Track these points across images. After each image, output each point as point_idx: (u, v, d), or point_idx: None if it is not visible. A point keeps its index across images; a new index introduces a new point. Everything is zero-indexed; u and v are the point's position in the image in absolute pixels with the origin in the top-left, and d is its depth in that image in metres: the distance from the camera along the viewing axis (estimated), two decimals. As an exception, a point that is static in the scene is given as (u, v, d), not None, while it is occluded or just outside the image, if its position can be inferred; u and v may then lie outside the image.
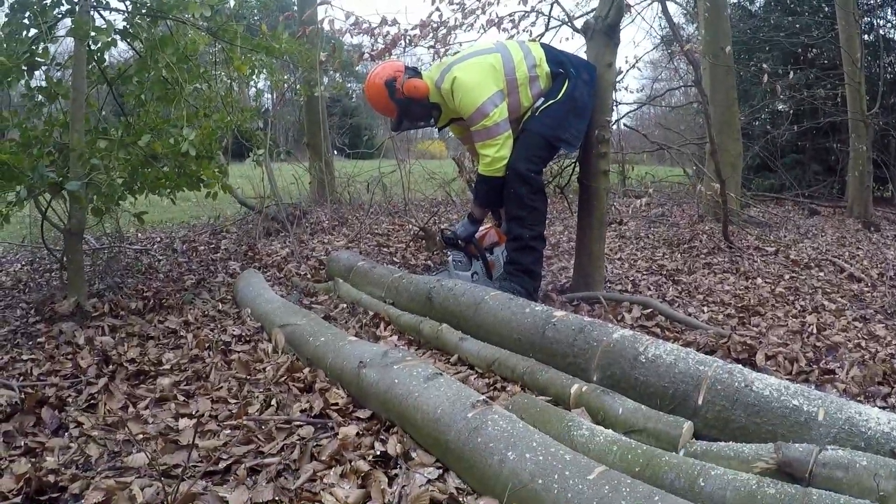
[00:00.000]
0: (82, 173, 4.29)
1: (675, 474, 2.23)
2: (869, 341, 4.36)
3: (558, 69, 4.85)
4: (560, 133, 4.75)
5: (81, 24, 4.21)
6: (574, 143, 4.88)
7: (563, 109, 4.75)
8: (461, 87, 4.69)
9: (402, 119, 5.03)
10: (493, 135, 4.70)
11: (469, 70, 4.74)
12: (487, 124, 4.67)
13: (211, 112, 5.34)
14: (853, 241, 9.09)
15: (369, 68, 5.76)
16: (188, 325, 4.56)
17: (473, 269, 5.25)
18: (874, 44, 14.67)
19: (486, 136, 4.72)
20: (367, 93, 5.01)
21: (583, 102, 4.82)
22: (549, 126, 4.75)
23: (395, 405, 2.82)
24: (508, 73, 4.79)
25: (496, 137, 4.70)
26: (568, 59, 4.95)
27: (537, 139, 4.78)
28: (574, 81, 4.79)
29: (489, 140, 4.72)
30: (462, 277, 5.06)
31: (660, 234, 8.60)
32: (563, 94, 4.77)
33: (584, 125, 4.90)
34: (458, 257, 5.29)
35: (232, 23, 5.13)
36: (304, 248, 7.24)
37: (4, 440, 2.81)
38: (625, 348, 3.13)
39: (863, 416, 2.39)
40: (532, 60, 4.86)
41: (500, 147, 4.72)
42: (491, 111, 4.66)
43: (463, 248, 5.25)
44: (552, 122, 4.75)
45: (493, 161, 4.74)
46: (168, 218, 10.97)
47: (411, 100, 4.86)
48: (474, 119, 4.71)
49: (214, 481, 2.49)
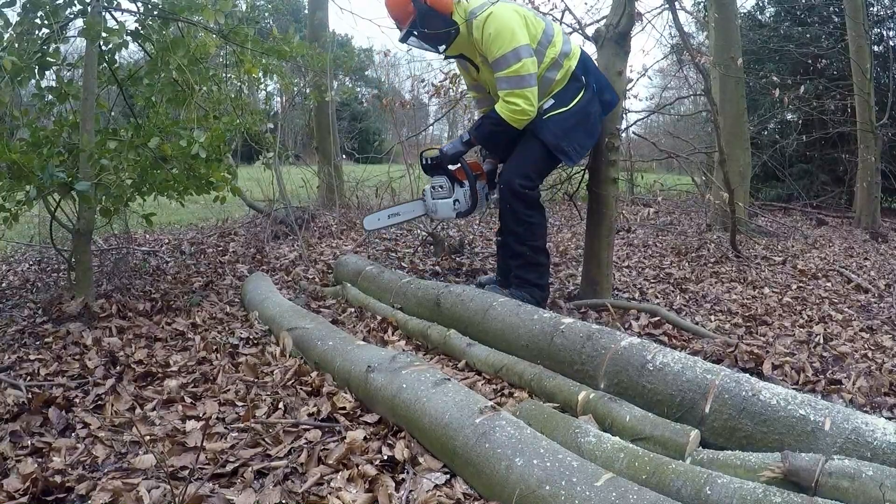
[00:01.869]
0: (92, 174, 4.30)
1: (682, 482, 2.22)
2: (876, 352, 4.35)
3: (581, 74, 4.65)
4: (564, 144, 4.58)
5: (93, 25, 4.22)
6: (574, 158, 4.70)
7: (573, 120, 4.59)
8: (498, 21, 4.38)
9: (415, 29, 4.61)
10: (526, 85, 4.42)
11: (510, 11, 4.44)
12: (521, 72, 4.39)
13: (221, 114, 5.35)
14: (861, 252, 9.06)
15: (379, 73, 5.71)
16: (196, 328, 4.56)
17: (455, 195, 4.95)
18: (884, 54, 14.66)
19: (518, 84, 4.43)
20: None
21: (594, 120, 4.69)
22: (554, 134, 4.57)
23: (403, 410, 2.82)
24: (542, 43, 4.54)
25: (528, 88, 4.43)
26: (596, 73, 4.77)
27: (538, 148, 4.62)
28: (591, 96, 4.63)
29: (519, 89, 4.43)
30: (441, 207, 4.92)
31: (668, 243, 8.59)
32: (575, 103, 4.59)
33: (589, 143, 4.77)
34: (438, 182, 4.98)
35: (243, 26, 5.14)
36: (313, 252, 7.25)
37: (11, 440, 2.81)
38: (632, 356, 3.13)
39: (869, 426, 2.39)
40: (567, 49, 4.66)
41: (530, 100, 4.46)
42: (515, 62, 4.38)
43: (447, 170, 4.92)
44: (558, 131, 4.57)
45: (523, 112, 4.48)
46: (176, 220, 10.98)
47: (432, 10, 4.50)
48: (507, 60, 4.39)
49: (221, 484, 2.49)
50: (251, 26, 5.28)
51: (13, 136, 4.51)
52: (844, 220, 12.56)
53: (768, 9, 17.21)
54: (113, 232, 7.12)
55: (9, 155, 3.88)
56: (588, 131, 4.69)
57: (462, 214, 5.02)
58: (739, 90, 9.98)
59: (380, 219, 5.08)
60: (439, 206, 4.93)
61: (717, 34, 9.84)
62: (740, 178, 9.53)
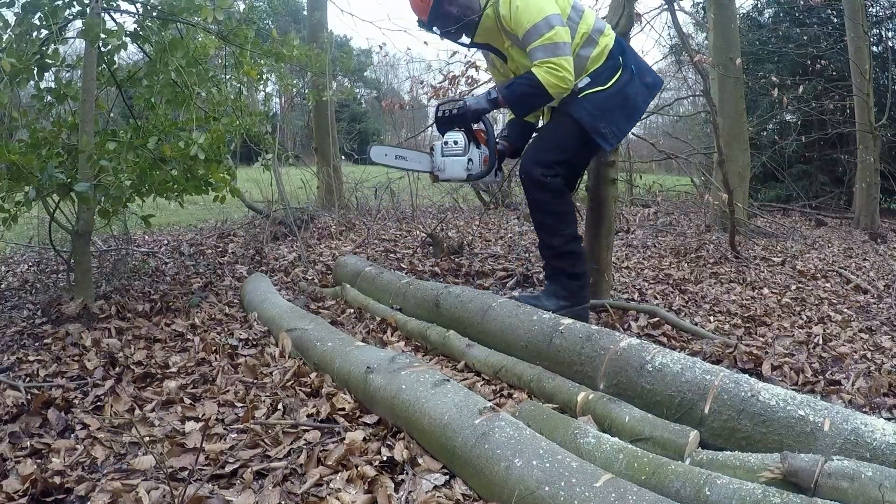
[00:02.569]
0: (91, 174, 4.30)
1: (682, 483, 2.22)
2: (875, 352, 4.35)
3: (618, 54, 4.33)
4: (601, 125, 4.21)
5: (92, 26, 4.22)
6: (612, 142, 4.32)
7: (611, 100, 4.25)
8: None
9: (436, 15, 4.34)
10: (562, 53, 4.05)
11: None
12: (556, 39, 4.04)
13: (220, 115, 5.35)
14: (860, 253, 9.07)
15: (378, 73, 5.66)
16: (195, 329, 4.56)
17: (469, 155, 4.48)
18: (882, 55, 14.69)
19: (554, 51, 4.06)
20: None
21: (635, 104, 4.37)
22: (590, 113, 4.20)
23: (402, 411, 2.82)
24: (573, 17, 4.22)
25: (564, 57, 4.06)
26: (635, 56, 4.47)
27: (570, 128, 4.26)
28: (630, 77, 4.31)
29: (556, 57, 4.05)
30: (451, 166, 4.53)
31: (667, 244, 8.60)
32: (613, 84, 4.27)
33: (628, 128, 4.49)
34: (453, 137, 4.49)
35: (242, 27, 5.14)
36: (312, 253, 7.25)
37: (10, 441, 2.81)
38: (632, 357, 3.13)
39: (868, 426, 2.39)
40: (601, 26, 4.33)
41: (568, 69, 4.08)
42: (546, 31, 4.03)
43: (466, 126, 4.46)
44: (594, 111, 4.21)
45: (562, 78, 4.09)
46: (175, 221, 10.99)
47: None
48: (539, 29, 4.05)
49: (221, 485, 2.49)
50: (250, 27, 5.27)
51: (12, 137, 4.52)
52: (843, 220, 12.59)
53: (767, 10, 17.24)
54: (112, 233, 7.12)
55: (8, 156, 3.88)
56: (627, 114, 4.37)
57: (473, 178, 4.59)
58: (738, 91, 10.00)
59: (387, 154, 4.65)
60: (448, 163, 4.52)
61: (716, 35, 9.86)
62: (739, 179, 9.55)
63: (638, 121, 4.61)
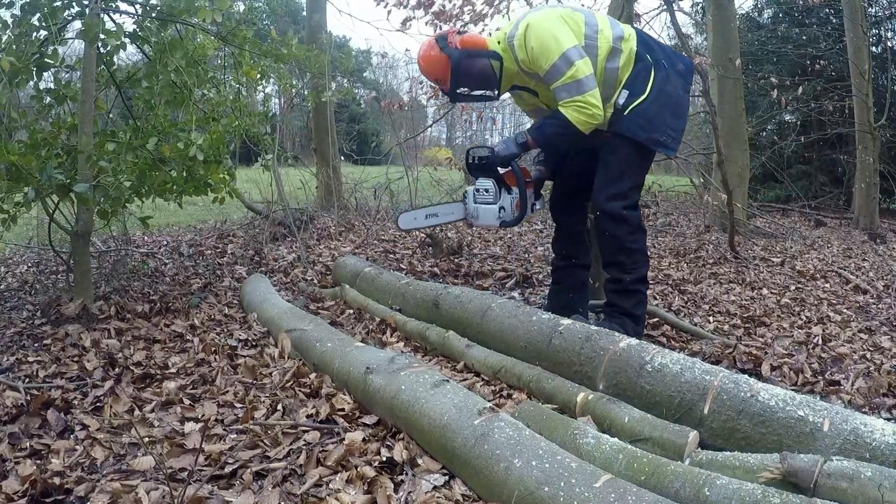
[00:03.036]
0: (90, 175, 4.30)
1: (681, 483, 2.23)
2: (874, 353, 4.35)
3: (645, 53, 4.16)
4: (656, 134, 4.06)
5: (91, 27, 4.22)
6: (673, 146, 4.18)
7: (655, 106, 4.08)
8: (537, 33, 3.99)
9: (456, 76, 4.22)
10: (586, 88, 3.95)
11: (546, 17, 4.05)
12: (577, 76, 3.93)
13: (220, 116, 5.35)
14: (859, 253, 9.07)
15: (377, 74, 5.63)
16: (194, 329, 4.57)
17: (501, 203, 4.38)
18: (882, 55, 14.70)
19: (578, 89, 3.95)
20: (420, 61, 4.34)
21: (677, 97, 4.20)
22: (642, 128, 4.06)
23: (402, 411, 2.82)
24: (589, 35, 4.08)
25: (589, 92, 3.95)
26: (660, 48, 4.30)
27: (628, 154, 4.12)
28: (665, 73, 4.15)
29: (580, 95, 3.95)
30: (484, 213, 4.43)
31: (666, 244, 8.59)
32: (651, 88, 4.09)
33: (681, 125, 4.28)
34: (484, 185, 4.39)
35: (242, 27, 5.14)
36: (311, 254, 7.24)
37: (10, 442, 2.81)
38: (631, 357, 3.13)
39: (868, 427, 2.39)
40: (619, 32, 4.16)
41: (596, 104, 3.97)
42: (567, 69, 3.92)
43: (496, 173, 4.38)
44: (645, 124, 4.06)
45: (592, 115, 3.99)
46: (174, 221, 10.98)
47: (466, 51, 4.17)
48: (559, 69, 3.96)
49: (220, 485, 2.50)
50: (249, 28, 5.27)
51: (12, 138, 4.52)
52: (843, 220, 12.59)
53: (766, 10, 17.24)
54: (111, 234, 7.11)
55: (7, 157, 3.88)
56: (674, 112, 4.18)
57: (506, 224, 4.46)
58: (738, 91, 10.00)
59: (416, 218, 4.65)
60: (482, 211, 4.43)
61: (715, 35, 9.87)
62: (739, 180, 9.55)
63: (687, 112, 4.41)
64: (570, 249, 4.59)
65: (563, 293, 4.60)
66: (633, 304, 4.16)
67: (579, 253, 4.59)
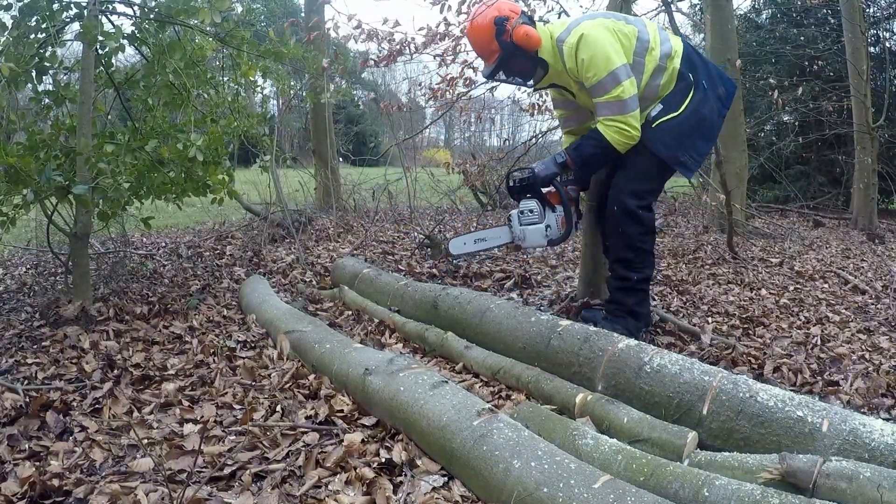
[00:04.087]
0: (89, 177, 4.30)
1: (680, 484, 2.23)
2: (873, 353, 4.35)
3: (688, 73, 4.19)
4: (679, 154, 4.12)
5: (90, 29, 4.22)
6: (693, 168, 4.23)
7: (686, 125, 4.12)
8: (590, 45, 3.98)
9: (500, 67, 4.28)
10: (628, 109, 4.01)
11: (601, 29, 4.06)
12: (623, 97, 3.98)
13: (218, 118, 5.35)
14: (858, 253, 9.07)
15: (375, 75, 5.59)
16: (193, 331, 4.57)
17: (547, 221, 4.41)
18: (880, 56, 14.69)
19: (621, 109, 4.01)
20: (470, 28, 4.33)
21: (711, 122, 4.22)
22: (666, 144, 4.11)
23: (401, 412, 2.83)
24: (639, 52, 4.11)
25: (631, 113, 4.01)
26: (705, 66, 4.32)
27: (650, 162, 4.16)
28: (703, 94, 4.17)
29: (622, 115, 4.01)
30: (531, 234, 4.45)
31: (665, 245, 8.59)
32: (686, 106, 4.13)
33: (707, 149, 4.39)
34: (528, 206, 4.44)
35: (240, 28, 5.14)
36: (310, 255, 7.25)
37: (9, 444, 2.81)
38: (630, 358, 3.13)
39: (867, 427, 2.39)
40: (668, 49, 4.17)
41: (634, 125, 4.04)
42: (613, 87, 3.97)
43: (537, 194, 4.42)
44: (670, 141, 4.11)
45: (630, 136, 4.06)
46: (173, 223, 10.98)
47: (518, 48, 4.14)
48: (604, 86, 4.00)
49: (219, 487, 2.50)
50: (247, 29, 5.27)
51: (10, 140, 4.51)
52: (841, 221, 12.57)
53: (765, 11, 17.24)
54: (110, 235, 7.11)
55: (6, 158, 3.88)
56: (705, 135, 4.24)
57: (553, 242, 4.51)
58: (736, 92, 9.99)
59: (465, 243, 4.67)
60: (528, 232, 4.45)
61: (713, 36, 9.86)
62: (737, 180, 9.55)
63: (717, 136, 4.48)
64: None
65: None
66: (635, 301, 4.22)
67: None
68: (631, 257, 4.18)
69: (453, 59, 7.52)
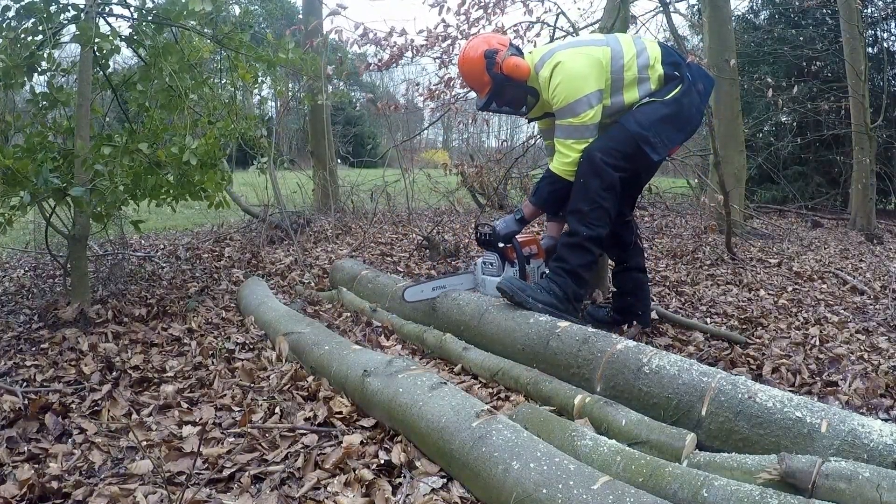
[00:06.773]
0: (86, 179, 4.30)
1: (679, 485, 2.23)
2: (871, 353, 4.35)
3: (673, 72, 4.32)
4: (649, 134, 4.18)
5: (87, 31, 4.22)
6: (660, 152, 4.26)
7: (662, 112, 4.23)
8: (562, 73, 4.16)
9: (493, 98, 4.43)
10: (581, 136, 4.19)
11: (575, 58, 4.20)
12: (576, 123, 4.17)
13: (215, 120, 5.35)
14: (856, 254, 9.08)
15: (374, 77, 5.60)
16: (192, 333, 4.56)
17: (504, 275, 4.53)
18: (878, 56, 14.71)
19: (573, 134, 4.20)
20: (461, 62, 4.49)
21: (688, 113, 4.33)
22: (639, 122, 4.20)
23: (400, 414, 2.82)
24: (615, 70, 4.25)
25: (582, 140, 4.20)
26: (686, 64, 4.43)
27: (623, 134, 4.22)
28: (688, 87, 4.30)
29: (574, 140, 4.20)
30: (489, 285, 4.60)
31: (663, 245, 8.59)
32: (671, 95, 4.25)
33: (678, 138, 4.39)
34: (489, 259, 4.68)
35: (237, 31, 5.13)
36: (308, 257, 7.24)
37: (8, 446, 2.81)
38: (628, 359, 3.14)
39: (865, 427, 2.39)
40: (645, 60, 4.30)
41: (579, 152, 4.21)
42: (584, 111, 4.14)
43: (498, 248, 4.61)
44: (644, 120, 4.20)
45: (573, 162, 4.21)
46: (171, 225, 10.98)
47: (509, 79, 4.33)
48: (564, 112, 4.19)
49: (218, 489, 2.50)
50: (245, 31, 5.26)
51: (8, 142, 4.51)
52: (839, 221, 12.59)
53: (762, 11, 17.26)
54: (108, 238, 7.11)
55: (3, 161, 3.88)
56: (678, 125, 4.31)
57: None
58: (734, 93, 10.00)
59: (423, 290, 4.70)
60: (488, 282, 4.61)
61: (711, 37, 9.88)
62: (735, 181, 9.56)
63: (692, 133, 4.59)
64: (621, 255, 4.72)
65: (622, 297, 4.69)
66: (581, 262, 4.25)
67: (629, 257, 4.69)
68: (586, 210, 4.19)
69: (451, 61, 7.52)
